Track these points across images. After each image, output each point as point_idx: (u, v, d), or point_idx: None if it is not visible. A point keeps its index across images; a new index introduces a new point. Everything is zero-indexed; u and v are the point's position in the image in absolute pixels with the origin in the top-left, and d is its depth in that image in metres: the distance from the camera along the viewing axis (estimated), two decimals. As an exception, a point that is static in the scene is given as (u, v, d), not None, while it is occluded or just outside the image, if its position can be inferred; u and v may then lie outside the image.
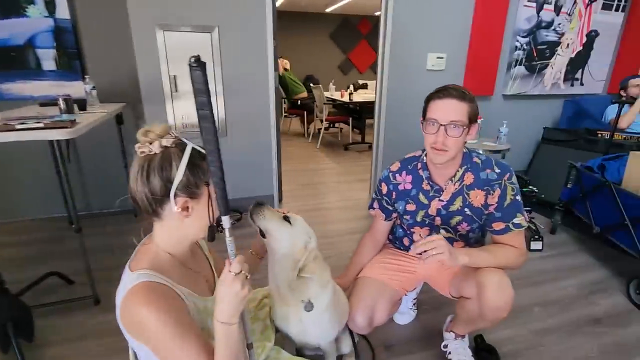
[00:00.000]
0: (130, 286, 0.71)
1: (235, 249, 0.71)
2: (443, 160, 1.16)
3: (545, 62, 3.25)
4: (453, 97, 1.11)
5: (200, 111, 0.59)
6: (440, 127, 1.12)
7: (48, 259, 2.11)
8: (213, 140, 0.62)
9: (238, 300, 0.68)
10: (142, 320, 0.69)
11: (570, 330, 1.63)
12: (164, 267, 0.78)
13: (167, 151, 0.73)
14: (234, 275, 0.67)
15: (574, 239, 2.49)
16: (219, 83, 2.48)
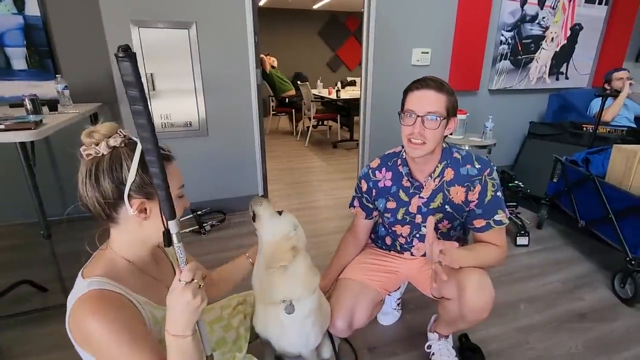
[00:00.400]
0: (80, 294, 0.67)
1: (186, 255, 0.66)
2: (420, 154, 1.12)
3: (530, 56, 3.23)
4: (431, 88, 1.07)
5: (133, 106, 0.54)
6: (417, 118, 1.08)
7: (20, 267, 2.03)
8: (150, 139, 0.57)
9: (190, 310, 0.64)
10: (90, 331, 0.64)
11: (555, 326, 1.61)
12: (119, 274, 0.74)
13: (116, 151, 0.69)
14: (184, 284, 0.63)
15: (560, 233, 2.48)
16: (199, 81, 2.41)
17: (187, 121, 2.47)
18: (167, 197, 0.61)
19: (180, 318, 0.64)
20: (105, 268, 0.73)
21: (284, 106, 5.76)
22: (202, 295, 0.65)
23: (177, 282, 0.64)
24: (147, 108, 0.56)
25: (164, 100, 2.38)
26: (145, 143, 0.57)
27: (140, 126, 0.56)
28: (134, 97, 0.54)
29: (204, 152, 2.58)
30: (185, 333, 0.65)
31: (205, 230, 2.47)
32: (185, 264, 0.65)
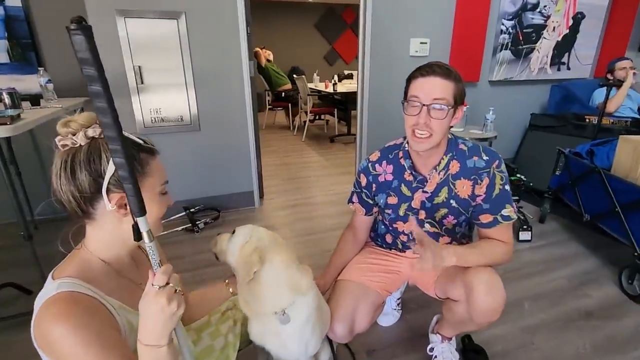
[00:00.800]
0: (48, 297, 0.61)
1: (160, 256, 0.59)
2: (424, 148, 1.05)
3: (532, 46, 3.15)
4: (437, 74, 0.99)
5: (91, 87, 0.46)
6: (423, 107, 1.00)
7: (4, 268, 1.95)
8: (113, 125, 0.49)
9: (165, 318, 0.57)
10: (55, 339, 0.58)
11: (561, 325, 1.55)
12: (93, 275, 0.67)
13: (95, 142, 0.65)
14: (157, 288, 0.56)
15: (563, 227, 2.42)
16: (189, 73, 2.32)
17: (178, 116, 2.38)
18: (134, 191, 0.54)
19: (153, 326, 0.57)
20: (77, 268, 0.67)
21: (280, 100, 5.66)
22: (178, 301, 0.58)
23: (150, 286, 0.57)
24: (107, 89, 0.48)
25: (153, 94, 2.29)
26: (107, 130, 0.50)
27: (100, 110, 0.48)
28: (91, 76, 0.46)
29: (196, 148, 2.50)
30: (159, 343, 0.58)
31: (198, 229, 2.39)
32: (159, 266, 0.59)
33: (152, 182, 0.69)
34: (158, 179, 0.71)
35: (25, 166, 2.33)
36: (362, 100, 2.91)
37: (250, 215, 2.66)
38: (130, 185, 0.53)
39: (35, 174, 2.44)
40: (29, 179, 2.36)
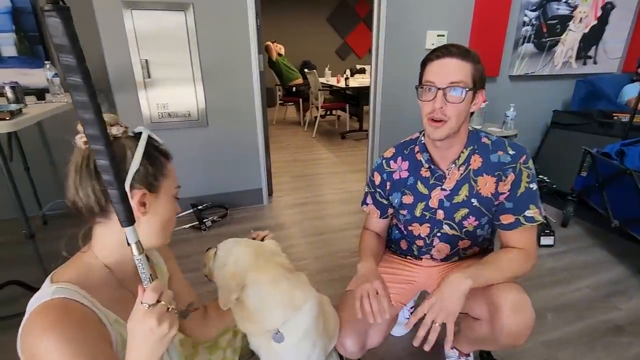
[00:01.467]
0: (41, 301, 0.57)
1: (149, 271, 0.53)
2: (442, 135, 0.95)
3: (556, 38, 2.98)
4: (453, 55, 0.90)
5: (69, 79, 0.39)
6: (438, 91, 0.91)
7: (9, 266, 1.94)
8: (96, 122, 0.42)
9: (154, 339, 0.51)
10: (42, 352, 0.53)
11: (588, 341, 1.44)
12: (92, 283, 0.64)
13: (118, 141, 0.64)
14: (146, 307, 0.51)
15: (588, 232, 2.28)
16: (197, 67, 2.25)
17: (186, 111, 2.33)
18: (121, 197, 0.47)
19: (142, 348, 0.52)
20: (77, 274, 0.64)
21: (291, 95, 5.58)
22: (170, 321, 0.53)
23: (139, 304, 0.52)
24: (88, 80, 0.41)
25: (160, 88, 2.23)
26: (89, 128, 0.43)
27: (80, 105, 0.42)
28: (69, 66, 0.39)
29: (204, 144, 2.44)
30: None
31: (205, 226, 2.34)
32: (149, 281, 0.53)
33: (168, 183, 0.69)
34: (173, 180, 0.71)
35: (34, 161, 2.31)
36: (375, 96, 2.80)
37: (258, 214, 2.60)
38: (116, 191, 0.47)
39: (44, 169, 2.42)
40: (38, 174, 2.35)
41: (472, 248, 1.15)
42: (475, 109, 0.98)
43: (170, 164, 0.71)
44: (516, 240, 1.02)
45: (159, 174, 0.66)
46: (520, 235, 1.01)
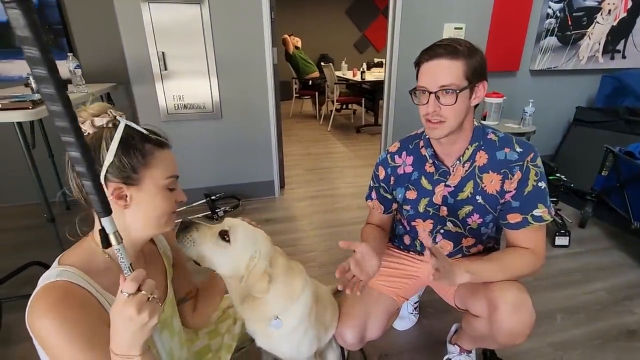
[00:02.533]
0: (47, 282, 0.61)
1: (129, 261, 0.53)
2: (440, 135, 0.94)
3: (582, 31, 2.85)
4: (441, 56, 0.88)
5: (35, 70, 0.40)
6: (430, 95, 0.90)
7: (31, 247, 2.04)
8: (63, 113, 0.42)
9: (134, 328, 0.53)
10: (42, 332, 0.57)
11: (598, 344, 1.40)
12: (94, 267, 0.67)
13: (101, 132, 0.65)
14: (126, 296, 0.52)
15: (606, 234, 2.20)
16: (212, 60, 2.29)
17: (201, 103, 2.37)
18: (95, 188, 0.48)
19: (123, 336, 0.53)
20: (81, 258, 0.67)
21: (308, 89, 5.58)
22: (150, 311, 0.53)
23: (120, 293, 0.53)
24: (54, 73, 0.41)
25: (176, 80, 2.28)
26: (58, 120, 0.43)
27: (48, 98, 0.42)
28: (34, 58, 0.39)
29: (217, 136, 2.49)
30: (130, 353, 0.54)
31: (217, 216, 2.40)
32: (129, 271, 0.54)
33: (155, 173, 0.67)
34: (162, 171, 0.68)
35: (59, 149, 2.42)
36: (390, 90, 2.77)
37: (269, 205, 2.64)
38: (90, 182, 0.47)
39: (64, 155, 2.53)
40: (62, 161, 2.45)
41: (476, 246, 1.14)
42: (478, 102, 0.96)
43: (161, 153, 0.68)
44: (523, 239, 1.00)
45: (138, 165, 0.64)
46: (527, 235, 0.99)
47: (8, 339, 1.40)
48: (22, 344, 1.39)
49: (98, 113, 0.65)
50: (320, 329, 1.01)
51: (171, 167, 0.70)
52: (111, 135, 0.64)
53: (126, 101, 2.54)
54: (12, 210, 2.53)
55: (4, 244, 2.13)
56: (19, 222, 2.39)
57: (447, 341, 1.29)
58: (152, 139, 0.68)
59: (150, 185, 0.66)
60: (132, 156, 0.64)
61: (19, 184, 2.46)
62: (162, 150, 0.69)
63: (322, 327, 1.02)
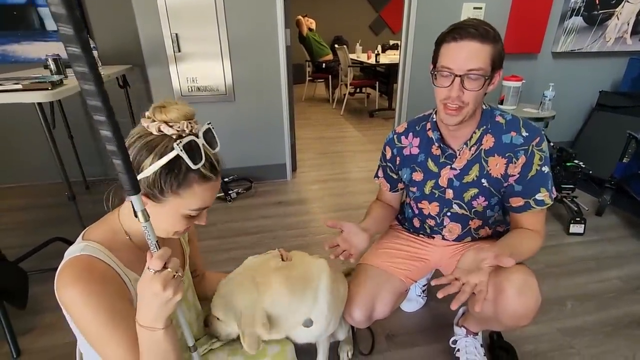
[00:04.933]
0: (72, 256, 0.64)
1: (156, 238, 0.55)
2: (457, 121, 0.93)
3: (610, 11, 2.71)
4: (473, 37, 0.84)
5: (69, 48, 0.40)
6: (455, 78, 0.87)
7: (55, 224, 2.13)
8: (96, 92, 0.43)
9: (159, 303, 0.56)
10: (68, 301, 0.61)
11: (608, 331, 1.39)
12: (116, 245, 0.69)
13: (160, 139, 0.61)
14: (152, 273, 0.55)
15: (624, 222, 2.15)
16: (225, 42, 2.28)
17: (214, 85, 2.38)
18: (125, 167, 0.49)
19: (148, 310, 0.57)
20: (104, 235, 0.69)
21: (321, 71, 5.51)
22: (175, 287, 0.56)
23: (146, 270, 0.55)
24: (87, 50, 0.41)
25: (190, 62, 2.29)
26: (90, 98, 0.44)
27: (81, 76, 0.42)
28: (68, 36, 0.38)
29: (230, 118, 2.50)
30: (154, 326, 0.58)
31: (230, 198, 2.44)
32: (156, 248, 0.56)
33: (181, 203, 0.64)
34: (190, 203, 0.65)
35: (77, 130, 2.49)
36: (404, 73, 2.72)
37: (281, 188, 2.67)
38: (120, 161, 0.48)
39: (86, 138, 2.61)
40: (80, 142, 2.53)
41: (484, 228, 1.14)
42: (491, 89, 0.94)
43: (200, 186, 0.64)
44: (526, 222, 1.02)
45: (168, 190, 0.62)
46: (530, 218, 1.01)
47: (35, 308, 1.48)
48: (48, 313, 1.48)
49: (173, 120, 0.62)
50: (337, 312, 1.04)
51: (203, 200, 0.66)
52: (164, 151, 0.60)
53: (141, 83, 2.57)
54: (35, 189, 2.64)
55: (28, 220, 2.23)
56: (41, 200, 2.49)
57: (454, 323, 1.31)
58: (199, 171, 0.63)
59: (171, 209, 0.64)
60: (168, 181, 0.61)
61: (41, 164, 2.56)
62: (204, 184, 0.64)
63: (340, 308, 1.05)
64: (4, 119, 2.46)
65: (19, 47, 2.32)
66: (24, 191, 2.62)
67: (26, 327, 1.42)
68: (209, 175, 0.65)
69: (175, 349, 0.61)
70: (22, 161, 2.63)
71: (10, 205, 2.44)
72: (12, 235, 2.07)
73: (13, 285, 1.41)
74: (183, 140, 0.60)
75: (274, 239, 2.02)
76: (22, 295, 1.42)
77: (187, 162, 0.60)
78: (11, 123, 2.48)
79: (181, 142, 0.59)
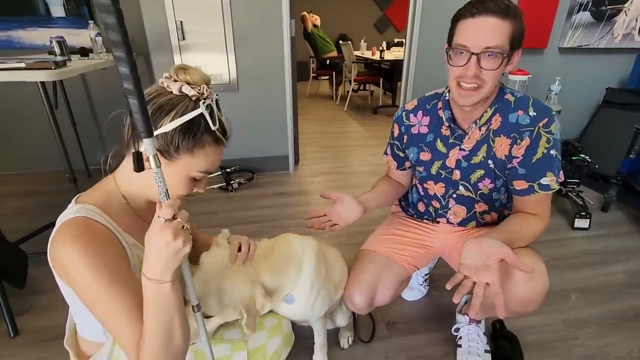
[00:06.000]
0: (66, 218, 0.62)
1: (165, 186, 0.54)
2: (472, 102, 0.90)
3: (618, 7, 2.68)
4: (491, 13, 0.80)
5: None
6: (472, 56, 0.84)
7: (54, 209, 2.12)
8: (117, 26, 0.42)
9: (169, 253, 0.54)
10: (67, 262, 0.59)
11: (613, 323, 1.37)
12: (113, 209, 0.68)
13: (180, 99, 0.63)
14: (163, 221, 0.53)
15: (630, 218, 2.12)
16: (229, 30, 2.27)
17: (218, 74, 2.37)
18: (141, 109, 0.48)
19: (157, 260, 0.55)
20: (100, 198, 0.68)
21: (325, 68, 5.50)
22: (184, 238, 0.54)
23: (157, 218, 0.54)
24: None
25: (194, 51, 2.29)
26: (112, 33, 0.43)
27: (102, 8, 0.42)
28: None
29: (234, 108, 2.49)
30: (162, 278, 0.56)
31: (232, 188, 2.43)
32: (165, 197, 0.54)
33: (192, 163, 0.66)
34: (200, 164, 0.67)
35: (80, 117, 2.48)
36: (409, 69, 2.70)
37: (283, 179, 2.65)
38: (136, 100, 0.47)
39: (89, 125, 2.60)
40: (83, 130, 2.53)
41: (490, 214, 1.12)
42: (510, 69, 0.91)
43: (212, 149, 0.67)
44: (529, 206, 0.98)
45: (184, 149, 0.64)
46: (534, 202, 0.97)
47: (33, 289, 1.48)
48: (46, 295, 1.47)
49: (194, 82, 0.65)
50: (330, 287, 1.03)
51: (211, 163, 0.68)
52: (185, 110, 0.62)
53: (145, 71, 2.56)
54: (37, 177, 2.64)
55: (30, 206, 2.23)
56: (43, 187, 2.49)
57: (457, 311, 1.29)
58: (214, 133, 0.66)
59: (181, 168, 0.66)
60: (185, 139, 0.63)
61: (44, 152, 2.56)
62: (215, 146, 0.67)
63: (331, 285, 1.03)
64: (9, 108, 2.46)
65: (24, 33, 2.32)
66: (27, 178, 2.62)
67: (24, 307, 1.41)
68: (221, 139, 0.68)
69: (181, 306, 0.60)
70: (26, 149, 2.63)
71: (13, 191, 2.44)
72: (14, 220, 2.06)
73: (13, 265, 1.40)
74: (206, 101, 0.64)
75: (274, 228, 2.00)
76: (21, 276, 1.41)
77: (209, 122, 0.64)
78: (15, 111, 2.48)
79: (205, 102, 0.63)
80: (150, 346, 0.58)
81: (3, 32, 2.30)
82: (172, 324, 0.59)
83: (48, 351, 1.24)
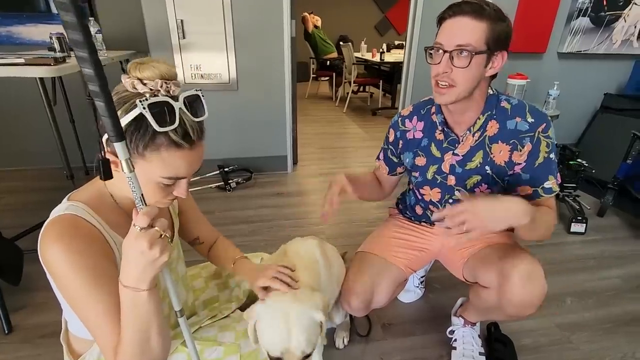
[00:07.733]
0: (54, 215, 0.62)
1: (141, 191, 0.52)
2: (447, 101, 0.91)
3: (617, 13, 2.70)
4: (465, 13, 0.83)
5: None
6: (444, 54, 0.86)
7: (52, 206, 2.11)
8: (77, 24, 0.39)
9: (145, 262, 0.53)
10: (50, 259, 0.58)
11: (607, 328, 1.37)
12: (102, 207, 0.67)
13: (132, 96, 0.58)
14: (138, 230, 0.52)
15: (626, 223, 2.13)
16: (230, 29, 2.27)
17: (217, 73, 2.37)
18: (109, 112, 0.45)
19: (133, 269, 0.54)
20: (91, 196, 0.67)
21: (325, 69, 5.51)
22: (161, 247, 0.53)
23: (132, 227, 0.53)
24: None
25: (194, 50, 2.29)
26: (71, 32, 0.40)
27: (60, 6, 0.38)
28: None
29: (233, 108, 2.49)
30: (138, 286, 0.55)
31: (230, 187, 2.43)
32: (141, 203, 0.52)
33: (149, 168, 0.59)
34: (156, 170, 0.59)
35: (78, 115, 2.48)
36: (408, 72, 2.71)
37: (281, 179, 2.65)
38: (103, 103, 0.44)
39: (88, 123, 2.59)
40: (81, 127, 2.52)
41: None
42: (494, 72, 0.91)
43: (170, 154, 0.59)
44: None
45: (135, 152, 0.58)
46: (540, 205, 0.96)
47: (28, 286, 1.47)
48: (41, 292, 1.46)
49: (148, 77, 0.58)
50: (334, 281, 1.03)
51: (174, 169, 0.60)
52: (129, 107, 0.56)
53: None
54: (35, 174, 2.63)
55: (27, 202, 2.22)
56: (41, 183, 2.48)
57: (452, 313, 1.29)
58: (167, 135, 0.57)
59: (143, 175, 0.59)
60: (133, 140, 0.57)
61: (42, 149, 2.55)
62: (173, 151, 0.59)
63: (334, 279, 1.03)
64: (7, 104, 2.45)
65: (24, 29, 2.32)
66: (24, 175, 2.61)
67: (19, 304, 1.40)
68: (180, 142, 0.58)
69: (158, 313, 0.59)
70: (24, 145, 2.62)
71: (9, 187, 2.43)
72: (10, 216, 2.06)
73: (8, 261, 1.40)
74: (150, 99, 0.55)
75: (271, 228, 2.01)
76: (17, 272, 1.41)
77: (151, 122, 0.55)
78: (13, 108, 2.47)
79: (147, 100, 0.55)
80: (127, 352, 0.58)
81: (3, 27, 2.30)
82: (148, 332, 0.58)
83: (42, 348, 1.23)
